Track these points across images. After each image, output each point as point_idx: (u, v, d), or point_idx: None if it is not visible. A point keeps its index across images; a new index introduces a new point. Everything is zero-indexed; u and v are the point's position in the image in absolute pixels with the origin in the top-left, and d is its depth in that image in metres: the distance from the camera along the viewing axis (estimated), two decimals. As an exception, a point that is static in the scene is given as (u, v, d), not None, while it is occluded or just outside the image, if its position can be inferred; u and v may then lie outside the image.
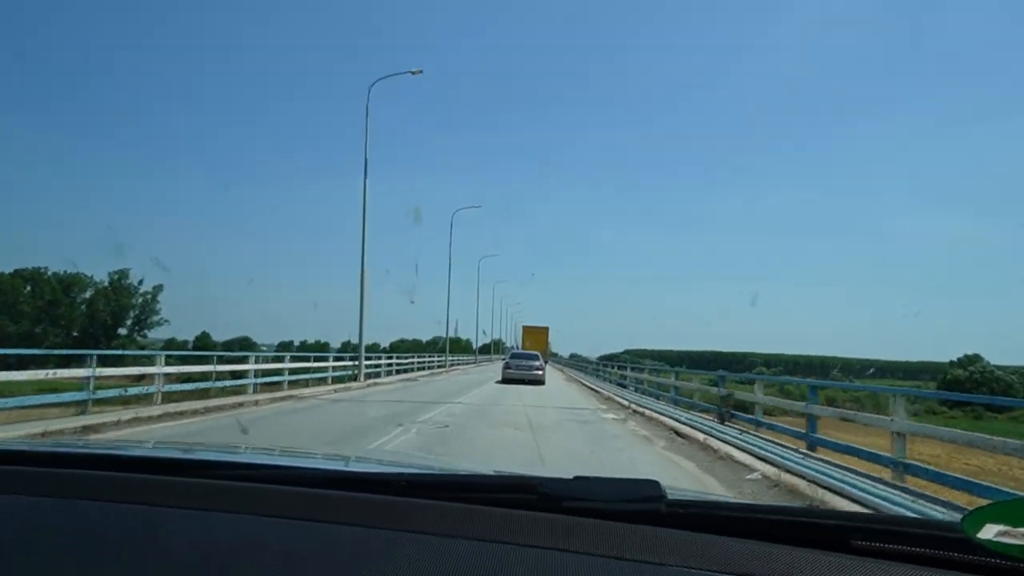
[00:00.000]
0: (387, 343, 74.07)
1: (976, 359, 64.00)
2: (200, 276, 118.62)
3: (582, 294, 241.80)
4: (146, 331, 68.45)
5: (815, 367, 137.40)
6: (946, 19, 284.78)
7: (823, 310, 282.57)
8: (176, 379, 12.93)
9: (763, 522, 0.86)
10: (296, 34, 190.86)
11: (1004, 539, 0.68)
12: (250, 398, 13.78)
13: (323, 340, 72.01)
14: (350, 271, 21.35)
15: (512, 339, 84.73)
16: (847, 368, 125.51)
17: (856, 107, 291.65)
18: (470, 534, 0.82)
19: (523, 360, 24.90)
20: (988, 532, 0.69)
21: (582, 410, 14.50)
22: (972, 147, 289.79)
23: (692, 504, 0.92)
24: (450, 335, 42.72)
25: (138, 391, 11.83)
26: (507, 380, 23.42)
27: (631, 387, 22.82)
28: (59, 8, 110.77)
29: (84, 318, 64.25)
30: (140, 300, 67.94)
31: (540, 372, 24.08)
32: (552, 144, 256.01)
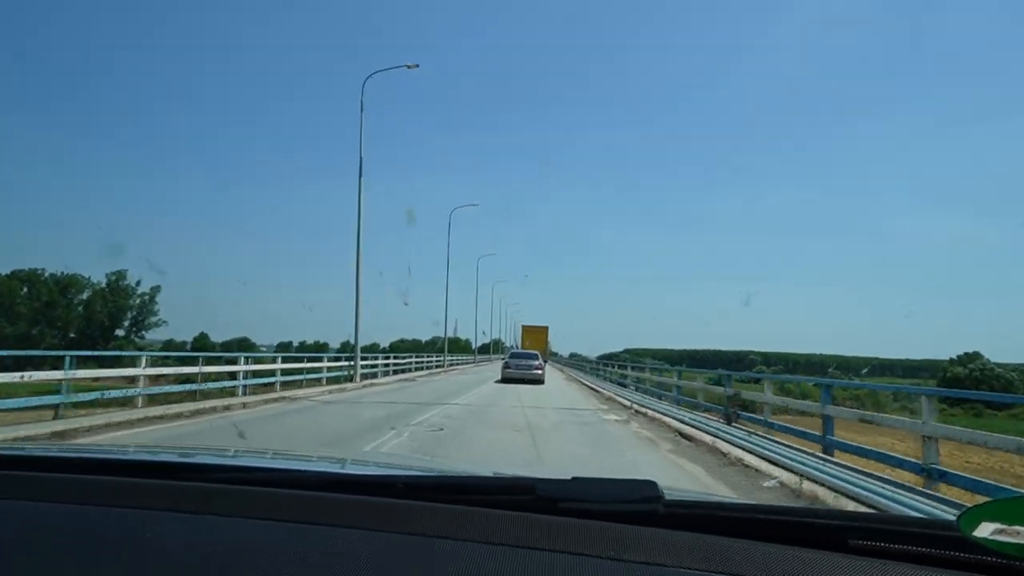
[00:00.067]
0: (387, 343, 73.88)
1: (976, 356, 63.47)
2: (199, 276, 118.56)
3: (582, 294, 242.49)
4: (144, 332, 68.19)
5: (814, 365, 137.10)
6: (946, 19, 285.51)
7: (823, 310, 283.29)
8: (163, 381, 12.49)
9: (761, 522, 0.84)
10: (296, 34, 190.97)
11: (1001, 537, 0.67)
12: (238, 400, 13.32)
13: (322, 341, 71.73)
14: (350, 272, 21.13)
15: (511, 339, 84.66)
16: (845, 366, 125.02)
17: (856, 107, 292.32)
18: (468, 536, 0.81)
19: (522, 359, 25.06)
20: (985, 530, 0.68)
21: (582, 411, 14.12)
22: (972, 147, 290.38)
23: (690, 504, 0.92)
24: (449, 335, 42.68)
25: (119, 394, 11.37)
26: (506, 379, 23.54)
27: (631, 386, 22.76)
28: (59, 8, 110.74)
29: (81, 319, 63.89)
30: (138, 301, 67.59)
31: (540, 372, 24.22)
32: (552, 144, 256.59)
